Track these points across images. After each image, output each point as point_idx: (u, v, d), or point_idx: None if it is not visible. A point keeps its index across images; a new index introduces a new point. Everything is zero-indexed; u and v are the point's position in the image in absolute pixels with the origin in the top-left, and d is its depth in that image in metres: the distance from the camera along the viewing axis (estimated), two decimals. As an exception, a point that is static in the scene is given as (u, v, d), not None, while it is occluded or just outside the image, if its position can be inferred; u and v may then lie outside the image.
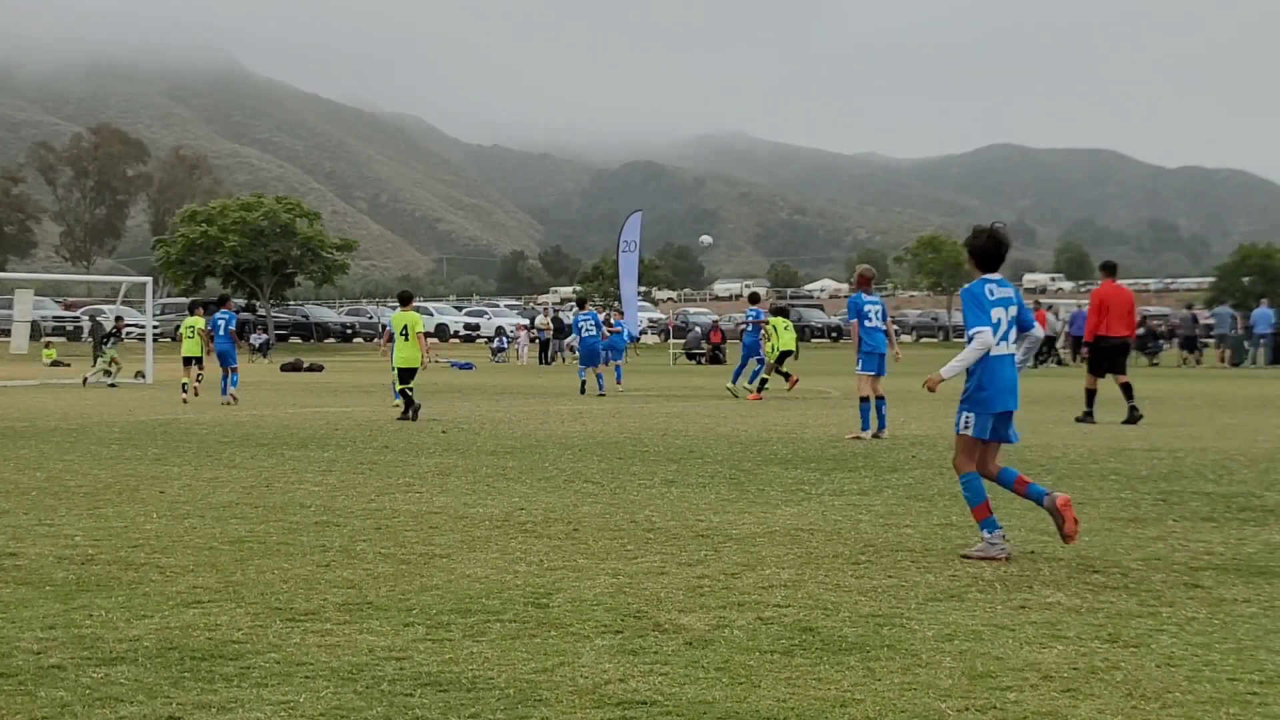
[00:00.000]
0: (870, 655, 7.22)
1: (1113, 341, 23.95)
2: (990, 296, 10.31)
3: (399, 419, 24.46)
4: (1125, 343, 24.42)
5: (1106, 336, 23.89)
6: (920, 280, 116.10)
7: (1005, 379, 10.32)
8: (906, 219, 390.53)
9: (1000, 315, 10.28)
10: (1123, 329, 24.07)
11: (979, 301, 10.27)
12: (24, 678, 6.75)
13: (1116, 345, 24.07)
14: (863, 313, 21.47)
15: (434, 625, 7.90)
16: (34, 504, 13.09)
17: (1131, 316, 24.78)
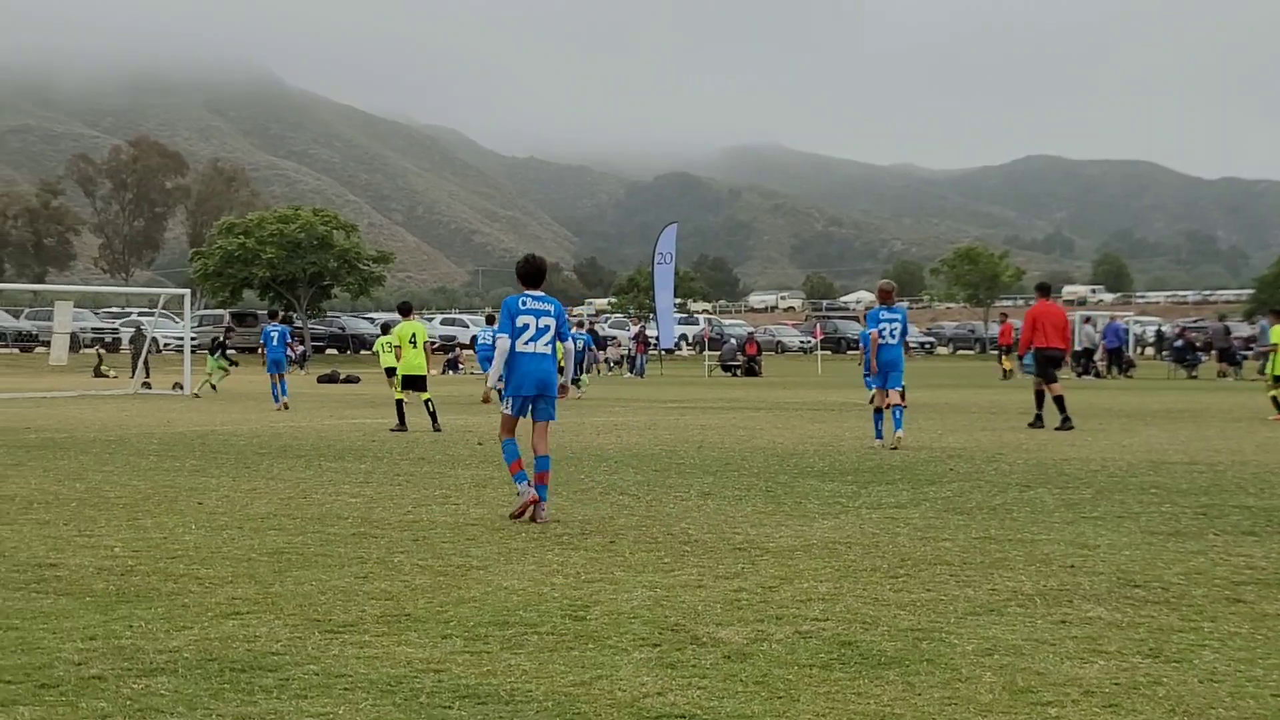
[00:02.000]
0: (910, 670, 7.19)
1: (1051, 353, 26.12)
2: (522, 307, 13.09)
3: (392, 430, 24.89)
4: (1061, 354, 26.90)
5: (1044, 348, 25.97)
6: (957, 292, 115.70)
7: (531, 372, 13.03)
8: (943, 230, 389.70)
9: (529, 321, 13.02)
10: (1059, 342, 26.38)
11: (508, 311, 13.11)
12: (65, 689, 6.78)
13: (1055, 356, 26.41)
14: (879, 328, 21.61)
15: (472, 637, 7.91)
16: (74, 515, 13.16)
17: (1065, 331, 27.23)
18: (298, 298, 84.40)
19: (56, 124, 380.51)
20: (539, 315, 13.04)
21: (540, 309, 13.09)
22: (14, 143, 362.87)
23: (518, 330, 13.01)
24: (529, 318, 13.02)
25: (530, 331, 13.00)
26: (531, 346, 13.01)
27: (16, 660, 7.32)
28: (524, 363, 13.02)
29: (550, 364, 13.16)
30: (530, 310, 13.05)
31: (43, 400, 37.62)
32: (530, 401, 13.13)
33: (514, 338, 13.02)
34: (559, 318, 13.20)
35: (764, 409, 32.48)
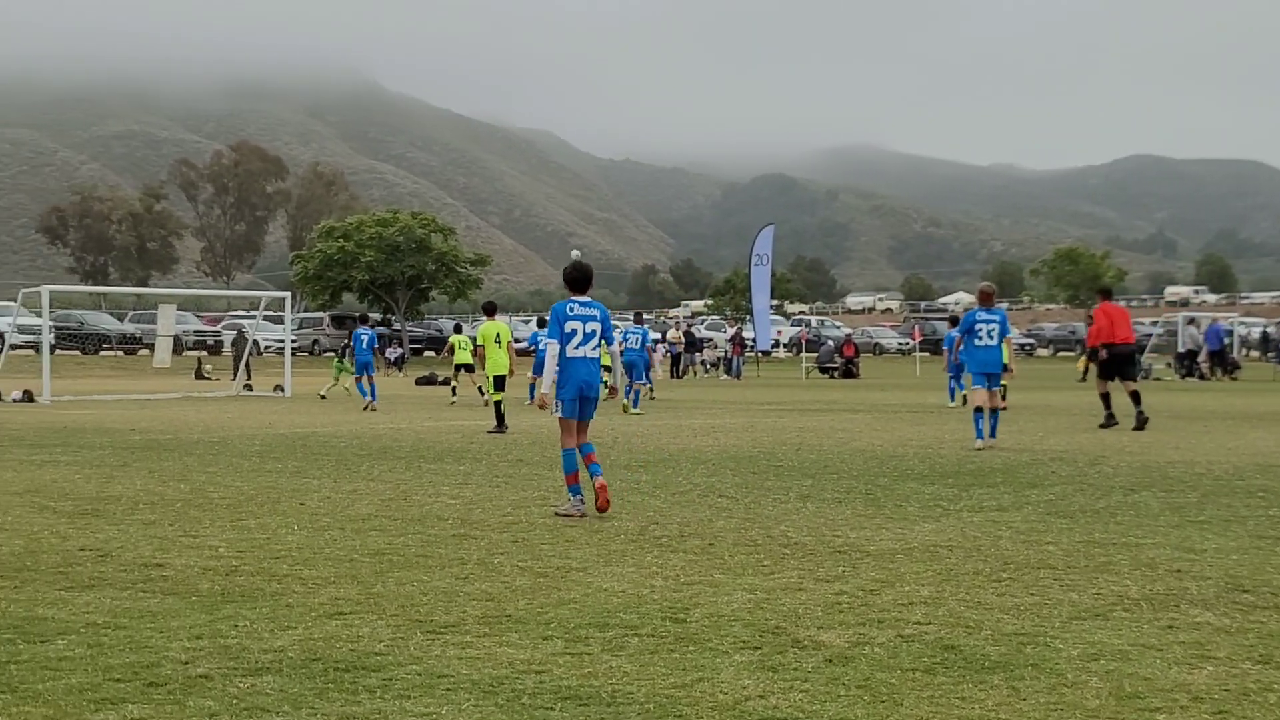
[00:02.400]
0: (1014, 674, 7.11)
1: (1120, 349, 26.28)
2: (570, 313, 13.46)
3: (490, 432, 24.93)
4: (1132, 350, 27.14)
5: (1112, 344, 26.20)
6: (1057, 293, 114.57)
7: (579, 374, 13.44)
8: (1043, 231, 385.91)
9: (576, 327, 13.40)
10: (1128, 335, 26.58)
11: (556, 317, 13.48)
12: (173, 687, 6.86)
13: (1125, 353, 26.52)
14: (974, 330, 21.84)
15: (572, 639, 7.91)
16: (179, 516, 13.32)
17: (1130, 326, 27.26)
18: (396, 300, 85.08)
19: (160, 129, 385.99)
20: (586, 320, 13.50)
21: (587, 314, 13.55)
22: (118, 148, 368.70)
23: (567, 336, 13.46)
24: (576, 323, 13.48)
25: (579, 337, 13.46)
26: (581, 351, 13.50)
27: (125, 659, 7.42)
28: (574, 367, 13.49)
29: (597, 367, 13.73)
30: (578, 316, 13.50)
31: (147, 402, 38.16)
32: (583, 404, 13.63)
33: (564, 343, 13.43)
34: (604, 322, 13.69)
35: (862, 411, 32.33)
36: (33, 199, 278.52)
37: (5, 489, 15.63)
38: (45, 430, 25.73)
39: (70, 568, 10.34)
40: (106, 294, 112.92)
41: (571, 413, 13.60)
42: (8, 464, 18.82)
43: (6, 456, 20.05)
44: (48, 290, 40.88)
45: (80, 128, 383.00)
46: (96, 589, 9.48)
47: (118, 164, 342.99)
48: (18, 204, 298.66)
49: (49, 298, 41.11)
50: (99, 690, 6.80)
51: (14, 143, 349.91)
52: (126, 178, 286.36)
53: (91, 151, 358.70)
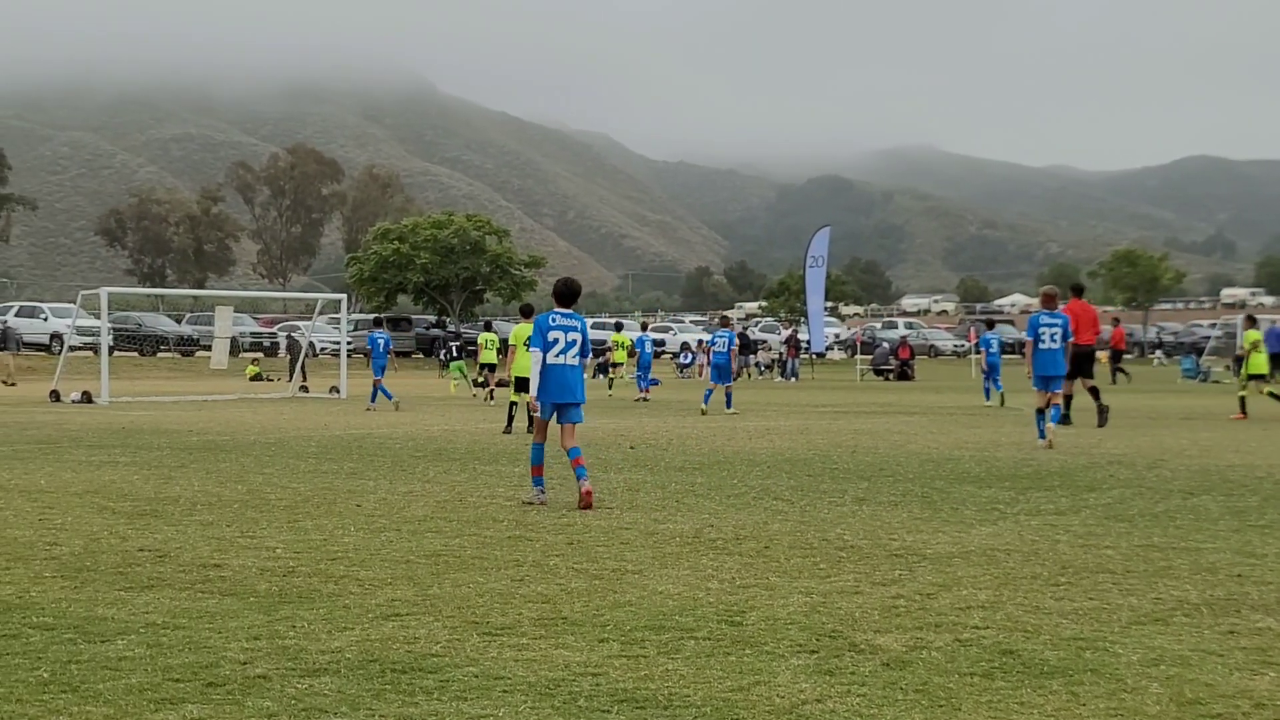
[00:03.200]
0: (1073, 680, 7.06)
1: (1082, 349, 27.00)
2: (552, 324, 14.57)
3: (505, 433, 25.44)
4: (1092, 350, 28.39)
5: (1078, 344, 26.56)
6: (1115, 295, 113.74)
7: (559, 381, 14.49)
8: (1100, 233, 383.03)
9: (558, 336, 14.49)
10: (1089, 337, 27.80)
11: (539, 328, 14.62)
12: (232, 687, 6.90)
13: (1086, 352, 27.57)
14: (1037, 333, 22.23)
15: (628, 641, 7.91)
16: (236, 516, 13.41)
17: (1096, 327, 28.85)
18: (451, 302, 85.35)
19: (217, 132, 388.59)
20: (567, 330, 14.58)
21: (568, 325, 14.64)
22: (176, 151, 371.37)
23: (549, 344, 14.54)
24: (558, 333, 14.55)
25: (559, 345, 14.54)
26: (561, 359, 14.55)
27: (184, 659, 7.47)
28: (552, 373, 14.56)
29: (576, 374, 14.68)
30: (559, 326, 14.59)
31: (203, 403, 38.42)
32: (558, 408, 14.62)
33: (545, 351, 14.48)
34: (584, 334, 14.76)
35: (918, 413, 32.19)
36: (91, 201, 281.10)
37: (65, 489, 15.77)
38: (104, 431, 25.95)
39: (129, 568, 10.42)
40: (164, 296, 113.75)
41: (546, 414, 14.68)
42: (67, 464, 18.99)
43: (66, 457, 20.23)
44: (106, 292, 41.19)
45: (138, 131, 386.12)
46: (155, 589, 9.55)
47: (175, 166, 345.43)
48: (76, 206, 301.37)
49: (107, 299, 41.42)
50: (159, 690, 6.85)
51: (73, 145, 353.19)
52: (184, 180, 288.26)
53: (149, 154, 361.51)
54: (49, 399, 38.32)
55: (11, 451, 21.22)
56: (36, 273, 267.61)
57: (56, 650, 7.68)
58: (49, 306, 74.96)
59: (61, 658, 7.50)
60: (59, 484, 16.38)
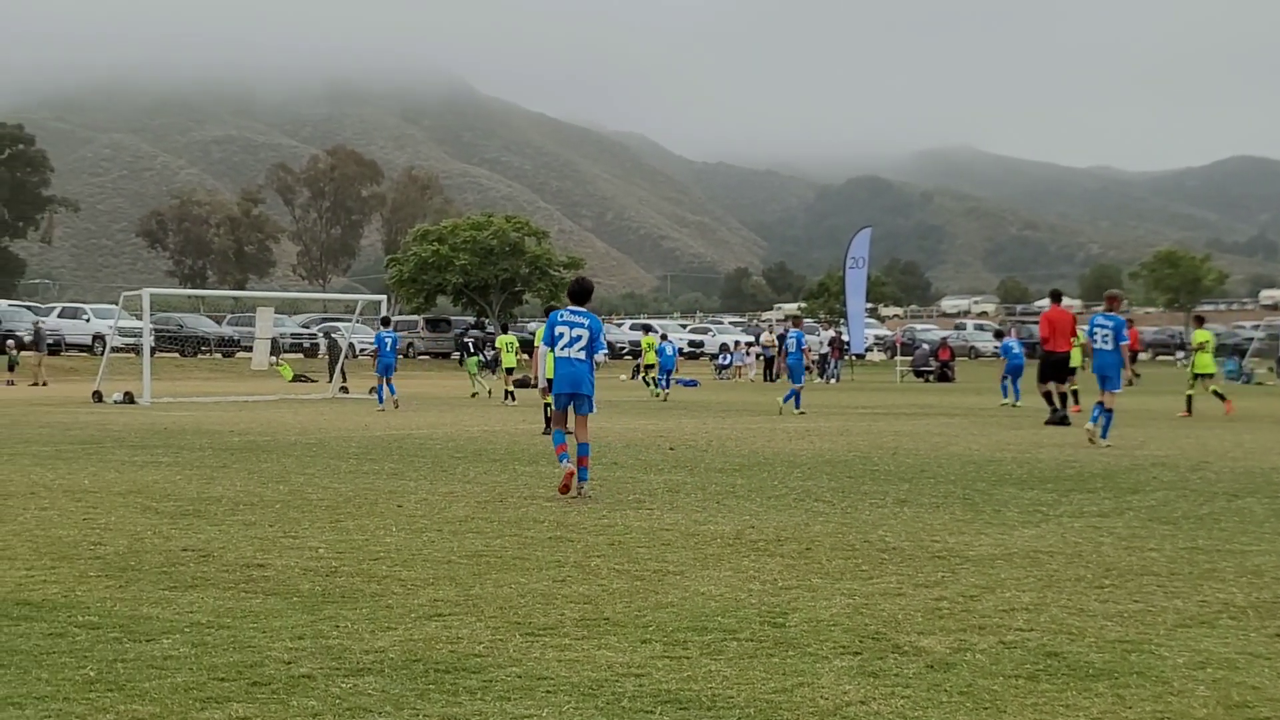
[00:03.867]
0: (1119, 682, 7.03)
1: (1057, 357, 28.62)
2: (560, 319, 15.60)
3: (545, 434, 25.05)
4: (1067, 356, 29.06)
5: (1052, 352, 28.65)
6: (1157, 297, 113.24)
7: (566, 374, 15.47)
8: (1142, 233, 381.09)
9: (564, 331, 15.48)
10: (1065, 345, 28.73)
11: (549, 324, 15.74)
12: (276, 686, 6.93)
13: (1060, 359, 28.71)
14: (1092, 333, 22.66)
15: (671, 642, 7.91)
16: (279, 517, 13.46)
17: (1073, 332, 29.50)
18: (490, 303, 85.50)
19: (257, 134, 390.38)
20: (573, 326, 15.52)
21: (576, 321, 15.58)
22: (216, 153, 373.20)
23: (556, 339, 15.58)
24: (564, 328, 15.54)
25: (565, 340, 15.52)
26: (566, 352, 15.52)
27: (229, 658, 7.50)
28: (559, 366, 15.63)
29: (582, 368, 15.53)
30: (566, 322, 15.59)
31: (244, 404, 38.58)
32: (568, 398, 15.60)
33: (553, 345, 15.56)
34: (592, 331, 15.61)
35: (958, 415, 32.09)
36: (133, 203, 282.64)
37: (109, 489, 15.86)
38: (146, 431, 26.09)
39: (173, 567, 10.47)
40: (205, 297, 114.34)
41: (559, 404, 15.75)
42: (110, 464, 19.10)
43: (109, 457, 20.35)
44: (148, 293, 41.40)
45: (179, 133, 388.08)
46: (199, 589, 9.60)
47: (216, 168, 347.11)
48: (118, 208, 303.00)
49: (149, 300, 41.63)
50: (204, 689, 6.88)
51: (114, 147, 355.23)
52: (225, 182, 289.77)
53: (190, 156, 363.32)
54: (91, 399, 38.55)
55: (55, 451, 21.35)
56: (78, 274, 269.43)
57: (102, 649, 7.72)
58: (91, 308, 75.41)
59: (107, 656, 7.54)
60: (102, 484, 16.48)
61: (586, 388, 15.52)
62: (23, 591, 9.51)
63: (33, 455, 20.65)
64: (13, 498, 15.02)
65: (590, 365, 15.60)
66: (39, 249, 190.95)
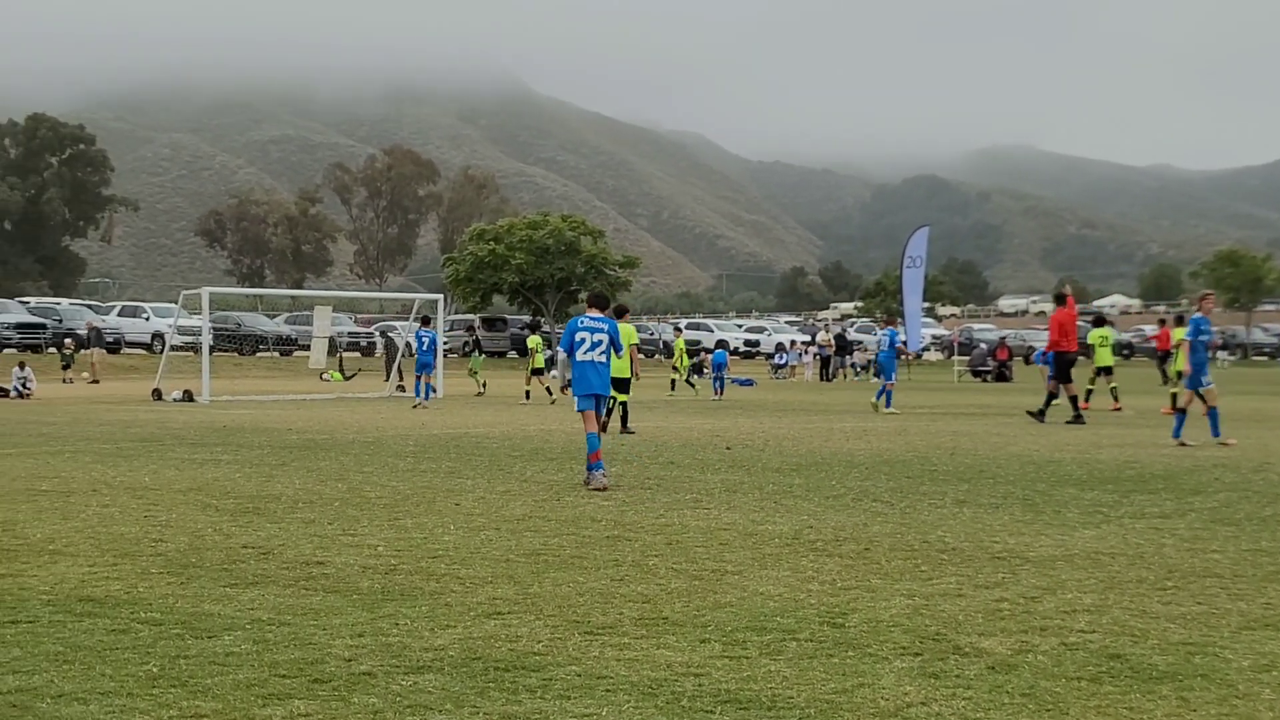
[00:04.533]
0: (1183, 685, 6.96)
1: (1070, 356, 29.26)
2: (580, 326, 16.66)
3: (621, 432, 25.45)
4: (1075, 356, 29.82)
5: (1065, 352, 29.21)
6: (1217, 296, 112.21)
7: (588, 376, 16.50)
8: (1202, 233, 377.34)
9: (584, 337, 16.48)
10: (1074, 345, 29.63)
11: (569, 330, 16.77)
12: (337, 684, 6.95)
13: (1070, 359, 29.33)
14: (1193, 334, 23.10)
15: (730, 642, 7.89)
16: (338, 515, 13.52)
17: None
18: (545, 303, 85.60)
19: (315, 134, 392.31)
20: (594, 332, 16.57)
21: (595, 327, 16.66)
22: (274, 152, 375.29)
23: (576, 344, 16.58)
24: (585, 334, 16.57)
25: (586, 345, 16.52)
26: (589, 356, 16.53)
27: (290, 655, 7.54)
28: (581, 370, 16.59)
29: (605, 370, 16.69)
30: (586, 328, 16.63)
31: (302, 402, 38.80)
32: (593, 400, 16.66)
33: (574, 351, 16.52)
34: (611, 334, 16.72)
35: (1016, 415, 31.87)
36: (191, 203, 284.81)
37: (169, 487, 15.98)
38: (205, 429, 26.27)
39: (234, 565, 10.53)
40: (263, 296, 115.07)
41: (585, 406, 16.62)
42: (170, 462, 19.24)
43: (169, 455, 20.50)
44: (208, 292, 41.68)
45: (238, 133, 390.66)
46: (260, 586, 9.65)
47: (274, 168, 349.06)
48: (177, 207, 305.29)
49: (209, 299, 41.90)
50: (266, 686, 6.92)
51: (174, 147, 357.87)
52: (283, 181, 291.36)
53: (249, 156, 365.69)
54: (151, 397, 38.85)
55: (116, 449, 21.54)
56: (138, 273, 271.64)
57: (165, 645, 7.78)
58: (150, 306, 76.01)
59: (170, 652, 7.59)
60: (163, 481, 16.60)
61: (607, 389, 16.84)
62: (86, 588, 9.59)
63: (94, 453, 20.84)
64: (75, 495, 15.16)
65: (609, 367, 16.83)
66: (99, 248, 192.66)
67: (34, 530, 12.36)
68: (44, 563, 10.64)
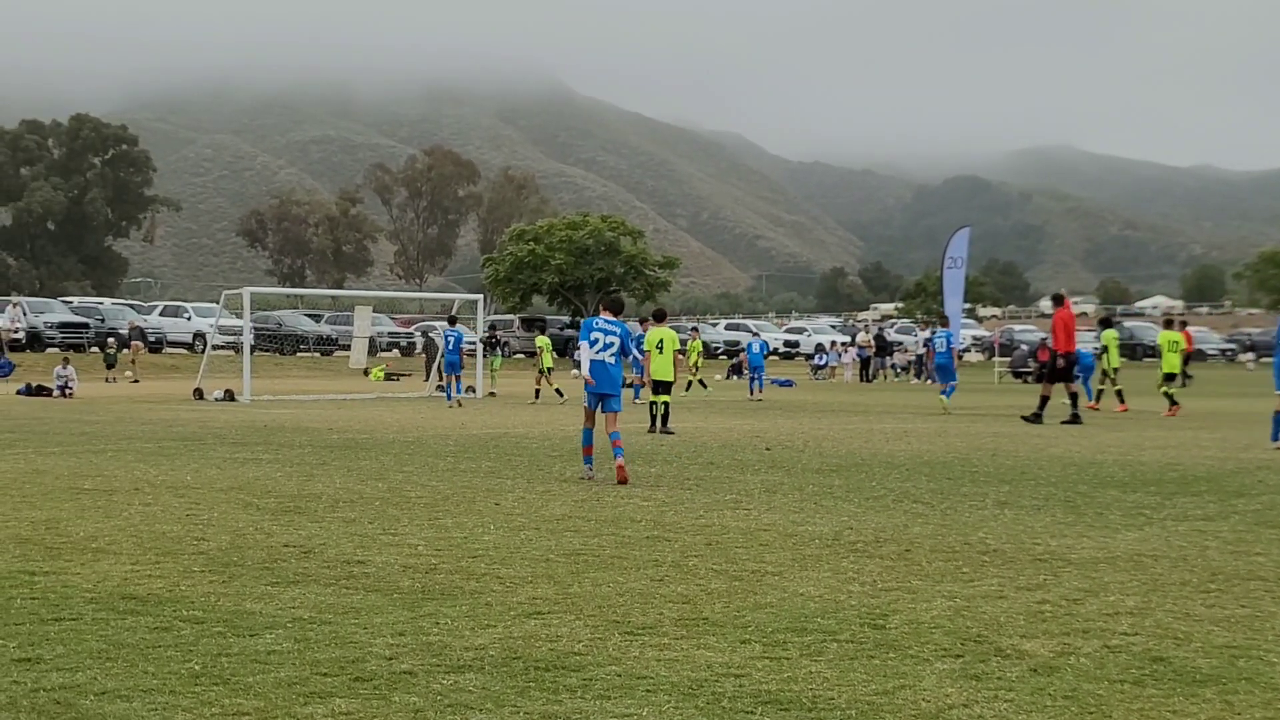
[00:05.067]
0: (1227, 688, 6.92)
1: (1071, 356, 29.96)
2: (595, 326, 17.63)
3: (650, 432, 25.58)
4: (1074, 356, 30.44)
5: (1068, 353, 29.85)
6: (1261, 297, 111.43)
7: (595, 374, 17.43)
8: (1245, 233, 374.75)
9: (598, 337, 17.44)
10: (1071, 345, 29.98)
11: (585, 327, 17.77)
12: (378, 682, 6.97)
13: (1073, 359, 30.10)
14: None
15: (770, 643, 7.88)
16: (378, 514, 13.55)
17: None
18: (585, 303, 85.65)
19: (355, 134, 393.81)
20: (606, 334, 17.52)
21: (608, 329, 17.57)
22: (315, 153, 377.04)
23: (593, 342, 17.50)
24: (599, 334, 17.52)
25: (599, 345, 17.48)
26: (601, 356, 17.45)
27: (331, 654, 7.56)
28: (592, 368, 17.49)
29: (615, 370, 17.58)
30: (600, 329, 17.58)
31: (342, 402, 38.91)
32: (598, 398, 17.58)
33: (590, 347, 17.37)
34: (624, 338, 17.69)
35: (1058, 416, 31.68)
36: (233, 203, 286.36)
37: (211, 486, 16.05)
38: (246, 429, 26.37)
39: (275, 563, 10.57)
40: (304, 296, 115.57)
41: (590, 403, 17.77)
42: (212, 461, 19.33)
43: (211, 454, 20.59)
44: (249, 292, 41.81)
45: (279, 133, 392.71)
46: (301, 584, 9.68)
47: (315, 168, 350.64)
48: (218, 208, 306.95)
49: (250, 299, 42.06)
50: (307, 684, 6.94)
51: (215, 148, 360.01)
52: (323, 182, 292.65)
53: (290, 156, 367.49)
54: (193, 397, 39.02)
55: (158, 448, 21.65)
56: (179, 273, 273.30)
57: (207, 643, 7.81)
58: (192, 306, 76.41)
59: (212, 650, 7.63)
60: (204, 480, 16.68)
61: (617, 388, 17.62)
62: (129, 586, 9.64)
63: (136, 451, 20.95)
64: (118, 493, 15.24)
65: (620, 368, 17.71)
66: (141, 248, 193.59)
67: (77, 528, 12.43)
68: (87, 560, 10.70)
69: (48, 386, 41.05)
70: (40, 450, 21.07)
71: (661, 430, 25.68)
